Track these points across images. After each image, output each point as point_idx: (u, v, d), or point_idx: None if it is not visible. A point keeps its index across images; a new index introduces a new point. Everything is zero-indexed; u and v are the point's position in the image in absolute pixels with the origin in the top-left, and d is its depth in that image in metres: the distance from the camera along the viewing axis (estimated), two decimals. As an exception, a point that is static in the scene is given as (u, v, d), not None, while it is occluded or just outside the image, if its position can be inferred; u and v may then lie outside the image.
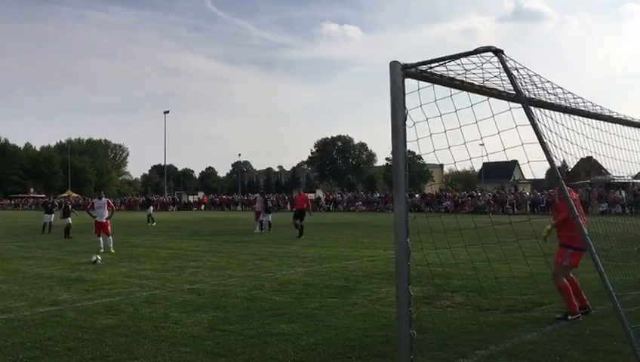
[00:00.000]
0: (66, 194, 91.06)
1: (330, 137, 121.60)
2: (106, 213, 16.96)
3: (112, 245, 16.56)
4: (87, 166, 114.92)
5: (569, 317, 6.93)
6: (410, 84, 4.64)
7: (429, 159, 71.79)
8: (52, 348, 6.03)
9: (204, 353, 5.77)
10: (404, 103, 4.65)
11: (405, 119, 4.67)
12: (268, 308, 8.01)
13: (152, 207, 36.01)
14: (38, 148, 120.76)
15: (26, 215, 54.43)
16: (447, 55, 4.34)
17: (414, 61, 4.52)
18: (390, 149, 4.74)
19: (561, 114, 5.24)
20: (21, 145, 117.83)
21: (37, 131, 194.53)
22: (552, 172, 4.14)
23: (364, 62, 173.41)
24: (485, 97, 4.81)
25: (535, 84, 4.80)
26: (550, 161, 4.07)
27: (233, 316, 7.51)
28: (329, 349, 5.84)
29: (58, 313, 7.88)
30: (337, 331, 6.60)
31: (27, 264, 13.95)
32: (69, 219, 23.45)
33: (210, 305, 8.25)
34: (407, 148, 4.73)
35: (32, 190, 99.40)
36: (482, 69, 4.40)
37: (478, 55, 4.23)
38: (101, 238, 16.60)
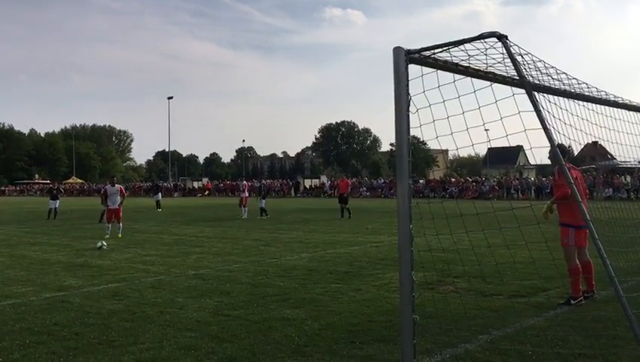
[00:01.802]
0: (71, 180, 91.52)
1: (334, 123, 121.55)
2: (119, 200, 17.23)
3: (120, 231, 16.85)
4: (91, 152, 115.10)
5: (572, 302, 6.95)
6: (414, 69, 4.62)
7: (433, 144, 71.60)
8: (59, 333, 6.10)
9: (209, 338, 5.82)
10: (407, 89, 4.64)
11: (409, 105, 4.66)
12: (272, 293, 8.06)
13: (160, 193, 36.24)
14: (42, 135, 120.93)
15: (31, 201, 54.68)
16: (451, 41, 4.31)
17: (418, 46, 4.50)
18: (394, 135, 4.74)
19: (566, 99, 5.22)
20: (25, 131, 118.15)
21: (41, 118, 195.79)
22: (553, 152, 4.13)
23: (368, 47, 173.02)
24: (489, 83, 4.79)
25: (539, 70, 4.78)
26: (554, 146, 4.06)
27: (238, 301, 7.57)
28: (333, 334, 5.89)
29: (64, 298, 7.95)
30: (341, 316, 6.65)
31: (33, 250, 14.05)
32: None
33: (214, 291, 8.31)
34: (412, 134, 4.73)
35: (36, 176, 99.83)
36: (486, 54, 4.37)
37: (482, 40, 4.21)
38: (110, 225, 16.85)
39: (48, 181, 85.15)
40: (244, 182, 29.25)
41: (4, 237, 17.64)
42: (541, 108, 4.10)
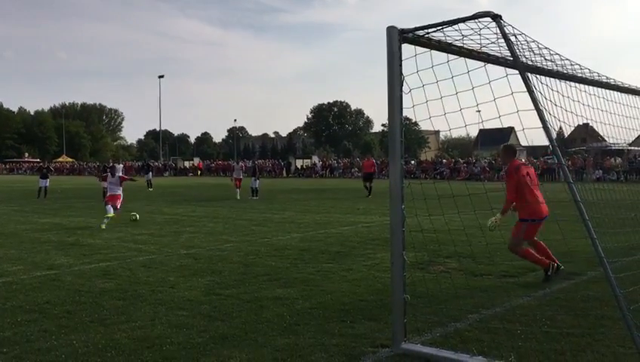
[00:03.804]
0: (61, 159, 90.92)
1: (326, 103, 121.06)
2: (118, 190, 15.40)
3: (111, 213, 14.75)
4: (81, 131, 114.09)
5: (548, 273, 7.09)
6: (407, 49, 4.60)
7: (425, 125, 71.76)
8: (50, 311, 6.11)
9: (200, 316, 5.85)
10: (400, 69, 4.63)
11: (402, 85, 4.65)
12: (264, 272, 8.09)
13: (151, 173, 36.20)
14: (32, 113, 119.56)
15: (21, 180, 54.31)
16: (445, 20, 4.30)
17: (409, 26, 4.48)
18: (386, 115, 4.73)
19: (558, 80, 5.22)
20: (14, 109, 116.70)
21: (28, 96, 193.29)
22: (552, 147, 4.12)
23: (360, 26, 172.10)
24: (482, 63, 4.78)
25: (532, 51, 4.76)
26: (545, 128, 4.07)
27: (229, 280, 7.59)
28: (324, 313, 5.93)
29: (56, 277, 7.95)
30: (332, 295, 6.69)
31: (23, 228, 14.00)
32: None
33: (206, 270, 8.33)
34: (404, 115, 4.72)
35: (26, 154, 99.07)
36: (480, 34, 4.36)
37: (476, 20, 4.19)
38: (110, 206, 14.86)
39: (38, 159, 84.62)
40: (241, 163, 28.66)
41: (-6, 215, 17.55)
42: (534, 89, 4.09)
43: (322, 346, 4.87)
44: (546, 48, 4.85)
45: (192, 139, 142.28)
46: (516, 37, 4.35)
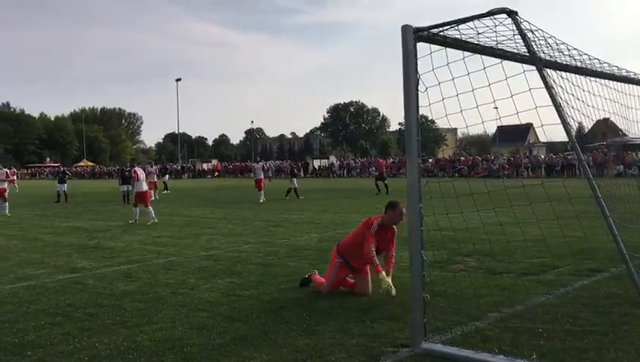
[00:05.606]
0: (82, 163, 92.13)
1: (342, 103, 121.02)
2: (145, 185, 16.12)
3: (153, 215, 15.65)
4: (100, 135, 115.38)
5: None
6: (423, 47, 4.59)
7: (442, 123, 71.30)
8: (73, 314, 6.18)
9: (221, 317, 5.88)
10: (416, 68, 4.61)
11: (417, 83, 4.63)
12: (283, 273, 8.10)
13: (167, 176, 36.59)
14: (52, 118, 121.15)
15: (42, 184, 55.07)
16: (460, 18, 4.28)
17: (424, 23, 4.47)
18: (403, 114, 4.72)
19: (577, 76, 5.16)
20: (35, 114, 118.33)
21: (48, 101, 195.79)
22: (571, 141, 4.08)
23: (374, 25, 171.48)
24: (499, 60, 4.75)
25: (550, 46, 4.72)
26: (564, 124, 4.02)
27: (249, 282, 7.62)
28: (344, 313, 5.92)
29: (78, 280, 8.05)
30: (351, 295, 6.68)
31: (45, 232, 14.20)
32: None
33: (225, 271, 8.37)
34: (420, 113, 4.70)
35: (48, 159, 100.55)
36: (496, 31, 4.33)
37: (492, 17, 4.16)
38: (138, 209, 15.92)
39: (59, 164, 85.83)
40: (260, 163, 28.30)
41: (17, 220, 17.83)
42: (552, 85, 4.06)
43: (342, 346, 4.87)
44: (563, 43, 4.80)
45: (210, 142, 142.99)
46: (533, 32, 4.31)
